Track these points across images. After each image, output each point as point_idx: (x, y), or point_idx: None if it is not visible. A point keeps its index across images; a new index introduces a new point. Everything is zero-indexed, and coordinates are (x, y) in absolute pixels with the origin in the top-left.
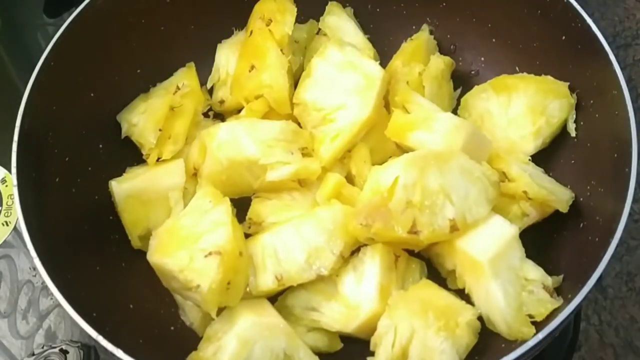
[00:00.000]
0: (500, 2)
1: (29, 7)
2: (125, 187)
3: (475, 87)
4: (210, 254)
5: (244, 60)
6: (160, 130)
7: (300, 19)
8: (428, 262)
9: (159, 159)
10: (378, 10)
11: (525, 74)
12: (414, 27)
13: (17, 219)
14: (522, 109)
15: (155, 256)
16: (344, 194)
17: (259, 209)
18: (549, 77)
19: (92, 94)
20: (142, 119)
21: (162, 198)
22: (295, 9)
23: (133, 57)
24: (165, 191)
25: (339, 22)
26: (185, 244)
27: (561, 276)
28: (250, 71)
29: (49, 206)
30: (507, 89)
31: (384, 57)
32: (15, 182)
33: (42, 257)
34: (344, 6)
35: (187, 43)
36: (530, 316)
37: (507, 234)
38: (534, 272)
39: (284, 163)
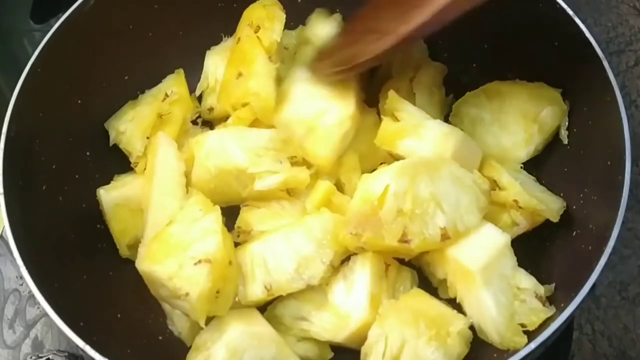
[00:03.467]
0: (492, 7)
1: (15, 12)
2: (113, 195)
3: (467, 93)
4: (199, 261)
5: (232, 67)
6: (148, 137)
7: (290, 25)
8: (419, 271)
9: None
10: None
11: (517, 80)
12: None
13: (4, 227)
14: (515, 115)
15: (144, 264)
16: (334, 202)
17: (247, 217)
18: (542, 84)
19: (79, 101)
20: (129, 127)
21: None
22: (284, 16)
23: (121, 63)
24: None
25: (326, 29)
26: (175, 251)
27: (553, 285)
28: (237, 78)
29: (35, 214)
30: (499, 95)
31: None
32: (1, 189)
33: (28, 266)
34: (333, 12)
35: (175, 49)
36: (523, 325)
37: (498, 242)
38: (526, 281)
39: (272, 172)
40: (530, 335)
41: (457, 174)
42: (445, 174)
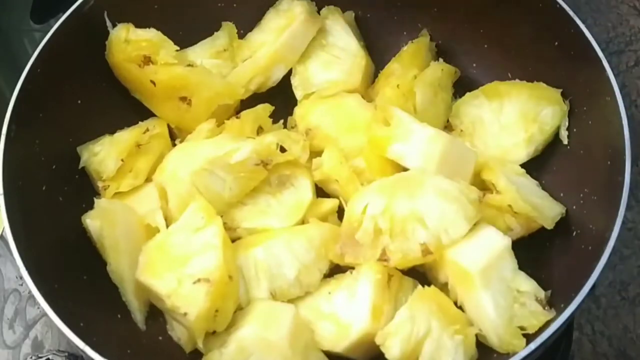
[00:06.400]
0: (492, 7)
1: (15, 13)
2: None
3: (467, 93)
4: (198, 280)
5: (168, 104)
6: (122, 160)
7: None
8: (424, 276)
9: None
10: (368, 16)
11: (517, 80)
12: (405, 33)
13: (4, 227)
14: (515, 115)
15: (144, 275)
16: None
17: (234, 213)
18: (542, 84)
19: (79, 101)
20: (105, 148)
21: (142, 226)
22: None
23: None
24: (143, 219)
25: (331, 26)
26: (174, 265)
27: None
28: (186, 104)
29: (35, 215)
30: (500, 96)
31: (375, 62)
32: (1, 190)
33: (28, 266)
34: (343, 11)
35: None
36: (522, 328)
37: (498, 245)
38: (526, 284)
39: (239, 148)
40: (530, 338)
41: (441, 186)
42: (427, 187)
